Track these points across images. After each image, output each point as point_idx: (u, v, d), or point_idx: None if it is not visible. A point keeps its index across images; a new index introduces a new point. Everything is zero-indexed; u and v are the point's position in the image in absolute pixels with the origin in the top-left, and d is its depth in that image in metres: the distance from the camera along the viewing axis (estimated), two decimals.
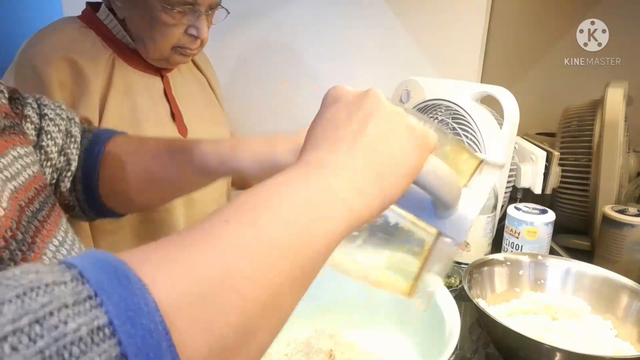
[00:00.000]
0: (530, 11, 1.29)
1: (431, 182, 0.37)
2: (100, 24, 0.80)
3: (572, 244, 0.97)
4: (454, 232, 0.38)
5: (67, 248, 0.44)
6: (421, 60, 1.34)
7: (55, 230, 0.44)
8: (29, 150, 0.48)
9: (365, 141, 0.34)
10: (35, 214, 0.43)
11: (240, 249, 0.26)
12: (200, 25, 0.77)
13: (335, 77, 1.36)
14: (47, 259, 0.40)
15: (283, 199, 0.30)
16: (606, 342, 0.64)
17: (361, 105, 0.35)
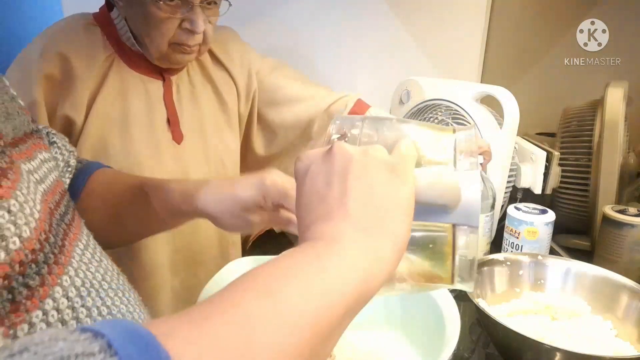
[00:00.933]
0: (530, 11, 1.29)
1: (430, 198, 0.37)
2: (110, 23, 0.80)
3: (572, 244, 0.97)
4: (468, 219, 0.38)
5: (91, 252, 0.45)
6: (421, 60, 1.34)
7: (80, 234, 0.45)
8: (50, 156, 0.49)
9: (354, 200, 0.34)
10: (62, 217, 0.43)
11: (260, 320, 0.27)
12: (195, 18, 0.75)
13: (336, 77, 1.36)
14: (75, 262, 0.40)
15: (296, 270, 0.30)
16: (606, 342, 0.64)
17: (332, 166, 0.35)
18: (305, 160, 0.37)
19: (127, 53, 0.81)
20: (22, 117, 0.46)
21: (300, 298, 0.28)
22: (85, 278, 0.41)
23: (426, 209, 0.38)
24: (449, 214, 0.38)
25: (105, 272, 0.45)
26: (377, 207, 0.34)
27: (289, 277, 0.29)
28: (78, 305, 0.38)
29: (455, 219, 0.38)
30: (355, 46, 1.33)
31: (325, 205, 0.34)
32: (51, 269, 0.36)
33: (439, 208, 0.38)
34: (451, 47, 1.32)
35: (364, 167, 0.35)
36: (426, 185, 0.37)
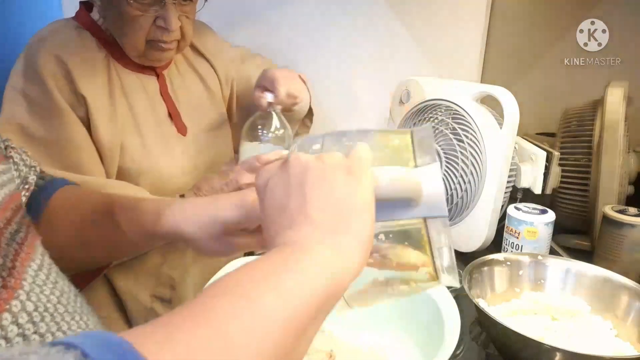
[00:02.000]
0: (530, 11, 1.29)
1: (391, 193, 0.38)
2: (94, 24, 0.80)
3: (572, 244, 0.97)
4: (434, 210, 0.40)
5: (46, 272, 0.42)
6: (421, 60, 1.34)
7: (33, 254, 0.43)
8: (7, 167, 0.47)
9: (314, 205, 0.35)
10: (14, 235, 0.41)
11: (235, 322, 0.27)
12: (168, 15, 0.75)
13: (335, 78, 1.36)
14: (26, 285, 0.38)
15: (267, 272, 0.31)
16: (606, 342, 0.64)
17: (289, 176, 0.36)
18: (264, 175, 0.38)
19: (118, 52, 0.81)
20: None
21: (274, 299, 0.29)
22: (38, 302, 0.38)
23: (392, 205, 0.39)
24: (415, 208, 0.40)
25: (62, 294, 0.42)
26: (337, 208, 0.35)
27: (260, 280, 0.30)
28: (30, 332, 0.36)
29: (423, 212, 0.40)
30: (355, 46, 1.33)
31: (287, 214, 0.35)
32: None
33: (405, 203, 0.39)
34: (451, 47, 1.32)
35: (320, 173, 0.36)
36: (386, 182, 0.38)
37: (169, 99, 0.85)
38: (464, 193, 0.95)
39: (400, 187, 0.39)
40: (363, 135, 0.43)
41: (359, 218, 0.35)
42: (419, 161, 0.41)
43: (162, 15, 0.75)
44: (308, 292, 0.30)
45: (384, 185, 0.38)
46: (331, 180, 0.35)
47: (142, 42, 0.77)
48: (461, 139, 0.95)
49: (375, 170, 0.39)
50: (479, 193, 0.93)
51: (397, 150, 0.43)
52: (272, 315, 0.28)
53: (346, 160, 0.37)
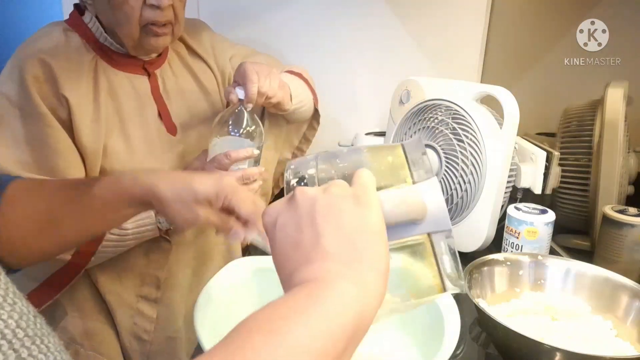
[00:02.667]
0: (530, 11, 1.29)
1: (397, 217, 0.39)
2: (85, 27, 0.80)
3: (572, 244, 0.97)
4: (439, 225, 0.40)
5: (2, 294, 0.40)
6: (421, 60, 1.34)
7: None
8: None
9: (328, 239, 0.34)
10: None
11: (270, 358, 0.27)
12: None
13: (336, 78, 1.36)
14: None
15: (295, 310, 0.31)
16: (606, 342, 0.64)
17: (298, 212, 0.36)
18: (272, 213, 0.38)
19: (108, 54, 0.81)
20: None
21: (305, 335, 0.29)
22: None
23: (398, 227, 0.39)
24: (420, 226, 0.40)
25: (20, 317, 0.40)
26: (351, 239, 0.35)
27: (289, 317, 0.30)
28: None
29: (427, 229, 0.40)
30: (355, 46, 1.33)
31: (302, 250, 0.35)
32: None
33: (410, 223, 0.40)
34: (451, 47, 1.32)
35: (329, 205, 0.35)
36: (391, 207, 0.39)
37: (160, 99, 0.85)
38: (464, 193, 0.95)
39: (405, 209, 0.39)
40: (355, 155, 0.43)
41: (373, 246, 0.35)
42: (416, 176, 0.41)
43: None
44: (337, 328, 0.30)
45: (389, 210, 0.38)
46: (341, 211, 0.35)
47: (136, 27, 0.76)
48: (461, 139, 0.95)
49: (379, 194, 0.39)
50: (479, 193, 0.93)
51: (392, 168, 0.42)
52: (304, 350, 0.28)
53: (352, 189, 0.37)
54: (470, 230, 0.96)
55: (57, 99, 0.75)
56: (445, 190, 0.99)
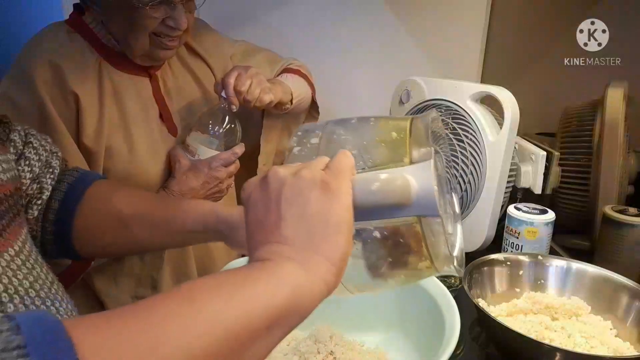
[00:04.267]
0: (530, 11, 1.29)
1: (377, 201, 0.37)
2: (87, 28, 0.79)
3: (572, 244, 0.97)
4: (426, 211, 0.38)
5: (23, 258, 0.45)
6: (421, 60, 1.34)
7: (14, 240, 0.45)
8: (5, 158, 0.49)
9: (287, 224, 0.35)
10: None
11: (174, 322, 0.28)
12: (178, 16, 0.76)
13: (336, 78, 1.36)
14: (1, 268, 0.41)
15: (222, 282, 0.32)
16: (606, 342, 0.64)
17: (267, 192, 0.36)
18: (247, 189, 0.38)
19: (111, 55, 0.80)
20: None
21: (219, 306, 0.29)
22: (9, 284, 0.41)
23: (379, 210, 0.38)
24: (405, 210, 0.38)
25: (36, 280, 0.45)
26: (310, 227, 0.35)
27: (213, 288, 0.31)
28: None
29: (414, 212, 0.38)
30: (355, 46, 1.33)
31: (263, 230, 0.36)
32: None
33: (393, 206, 0.38)
34: (451, 47, 1.32)
35: (296, 190, 0.36)
36: (367, 192, 0.37)
37: (161, 100, 0.85)
38: (464, 193, 0.95)
39: (383, 195, 0.37)
40: (361, 127, 0.42)
41: (331, 238, 0.35)
42: (415, 155, 0.39)
43: (171, 15, 0.76)
44: (261, 305, 0.30)
45: (365, 196, 0.37)
46: (306, 198, 0.35)
47: (147, 43, 0.77)
48: (461, 139, 0.95)
49: (358, 178, 0.37)
50: (479, 193, 0.93)
51: (392, 145, 0.41)
52: (212, 321, 0.29)
53: (324, 175, 0.36)
54: (470, 230, 0.96)
55: (66, 99, 0.75)
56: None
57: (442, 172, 0.46)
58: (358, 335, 0.67)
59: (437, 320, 0.59)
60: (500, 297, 0.74)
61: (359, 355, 0.63)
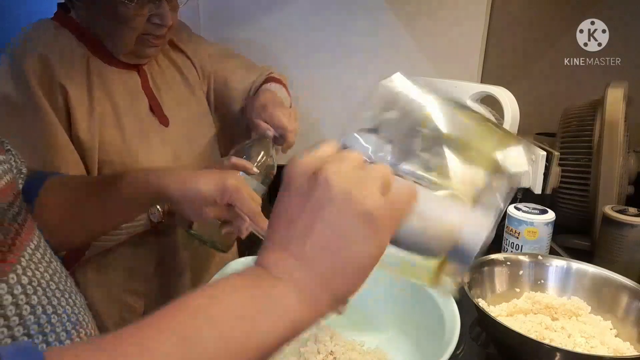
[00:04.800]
0: (530, 11, 1.29)
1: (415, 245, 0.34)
2: (74, 23, 0.80)
3: (572, 244, 0.97)
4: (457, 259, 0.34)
5: (41, 252, 0.46)
6: (421, 60, 1.34)
7: (32, 235, 0.46)
8: (5, 159, 0.51)
9: (314, 241, 0.32)
10: (16, 217, 0.45)
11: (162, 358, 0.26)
12: (163, 12, 0.77)
13: (336, 78, 1.36)
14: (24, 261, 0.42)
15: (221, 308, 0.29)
16: (606, 342, 0.64)
17: (310, 195, 0.32)
18: (292, 171, 0.34)
19: (99, 50, 0.81)
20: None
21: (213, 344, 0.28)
22: (32, 277, 0.42)
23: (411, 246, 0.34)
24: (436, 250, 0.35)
25: (54, 273, 0.46)
26: (333, 258, 0.32)
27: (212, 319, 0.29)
28: (22, 302, 0.40)
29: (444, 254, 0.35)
30: (355, 46, 1.33)
31: (288, 232, 0.33)
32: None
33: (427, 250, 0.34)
34: (451, 47, 1.32)
35: (338, 212, 0.32)
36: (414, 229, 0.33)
37: (150, 92, 0.86)
38: None
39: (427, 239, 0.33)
40: (461, 112, 0.35)
41: (348, 278, 0.32)
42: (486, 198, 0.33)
43: (157, 13, 0.77)
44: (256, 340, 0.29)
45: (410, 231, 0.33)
46: (343, 225, 0.32)
47: (134, 40, 0.78)
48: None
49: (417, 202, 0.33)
50: None
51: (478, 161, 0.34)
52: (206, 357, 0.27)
53: (374, 205, 0.32)
54: None
55: (55, 91, 0.75)
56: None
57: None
58: (358, 335, 0.67)
59: (437, 320, 0.59)
60: (500, 297, 0.74)
61: (359, 355, 0.63)
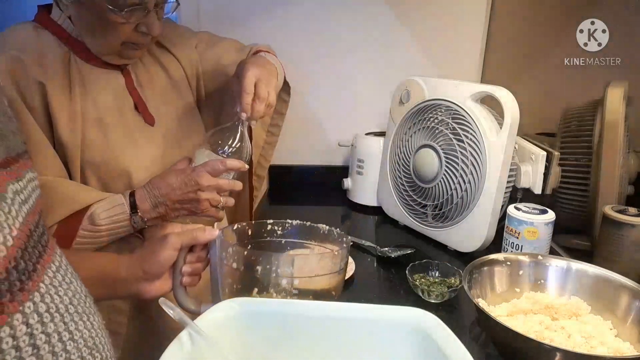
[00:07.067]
0: (530, 11, 1.29)
1: None
2: (54, 23, 0.80)
3: (572, 244, 0.97)
4: None
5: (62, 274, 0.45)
6: (421, 60, 1.34)
7: (53, 255, 0.45)
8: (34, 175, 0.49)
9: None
10: (40, 238, 0.43)
11: None
12: (150, 21, 0.77)
13: (336, 78, 1.36)
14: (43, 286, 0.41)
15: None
16: (606, 342, 0.64)
17: None
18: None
19: (81, 49, 0.81)
20: (17, 137, 0.46)
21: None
22: (51, 303, 0.41)
23: None
24: None
25: (74, 294, 0.45)
26: None
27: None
28: (37, 331, 0.39)
29: None
30: (355, 46, 1.33)
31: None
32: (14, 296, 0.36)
33: None
34: (451, 47, 1.32)
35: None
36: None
37: (135, 92, 0.86)
38: (464, 193, 0.95)
39: None
40: None
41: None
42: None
43: (144, 22, 0.77)
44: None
45: None
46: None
47: (119, 44, 0.78)
48: (461, 139, 0.95)
49: None
50: (479, 193, 0.93)
51: None
52: None
53: None
54: (470, 230, 0.96)
55: (31, 90, 0.74)
56: (445, 190, 0.99)
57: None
58: None
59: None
60: (500, 297, 0.74)
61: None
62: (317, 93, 1.37)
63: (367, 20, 1.31)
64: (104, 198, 0.77)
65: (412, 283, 0.82)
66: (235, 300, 0.53)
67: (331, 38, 1.33)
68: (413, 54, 1.33)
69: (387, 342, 0.50)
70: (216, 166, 0.78)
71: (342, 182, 1.29)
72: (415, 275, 0.84)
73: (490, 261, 0.75)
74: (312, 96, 1.38)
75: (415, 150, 1.05)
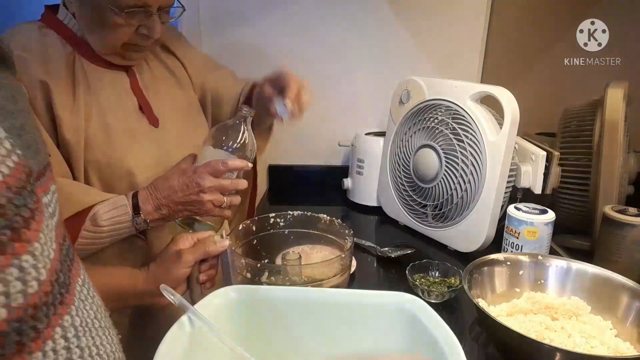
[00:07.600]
0: (530, 11, 1.29)
1: None
2: (60, 23, 0.80)
3: (572, 244, 0.97)
4: None
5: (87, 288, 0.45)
6: (421, 60, 1.34)
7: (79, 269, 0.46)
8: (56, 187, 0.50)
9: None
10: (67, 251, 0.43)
11: None
12: (152, 25, 0.77)
13: (336, 78, 1.36)
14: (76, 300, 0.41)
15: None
16: (606, 342, 0.64)
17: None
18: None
19: (86, 50, 0.81)
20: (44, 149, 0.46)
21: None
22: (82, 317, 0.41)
23: None
24: None
25: (97, 309, 0.45)
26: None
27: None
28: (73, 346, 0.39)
29: None
30: (355, 46, 1.33)
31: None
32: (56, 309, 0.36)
33: None
34: (451, 47, 1.32)
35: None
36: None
37: (140, 92, 0.86)
38: (464, 193, 0.95)
39: None
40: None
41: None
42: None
43: (146, 24, 0.77)
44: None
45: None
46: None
47: (119, 45, 0.79)
48: (461, 139, 0.95)
49: None
50: (479, 193, 0.93)
51: None
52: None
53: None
54: (470, 230, 0.96)
55: (33, 88, 0.74)
56: (445, 190, 0.99)
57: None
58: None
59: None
60: (500, 297, 0.74)
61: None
62: (317, 93, 1.37)
63: (368, 20, 1.31)
64: (106, 199, 0.77)
65: (412, 283, 0.82)
66: (232, 288, 0.57)
67: (331, 38, 1.33)
68: (413, 54, 1.33)
69: (378, 325, 0.54)
70: (217, 167, 0.77)
71: (342, 182, 1.29)
72: (415, 275, 0.84)
73: (490, 261, 0.75)
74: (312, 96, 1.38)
75: (415, 150, 1.05)
